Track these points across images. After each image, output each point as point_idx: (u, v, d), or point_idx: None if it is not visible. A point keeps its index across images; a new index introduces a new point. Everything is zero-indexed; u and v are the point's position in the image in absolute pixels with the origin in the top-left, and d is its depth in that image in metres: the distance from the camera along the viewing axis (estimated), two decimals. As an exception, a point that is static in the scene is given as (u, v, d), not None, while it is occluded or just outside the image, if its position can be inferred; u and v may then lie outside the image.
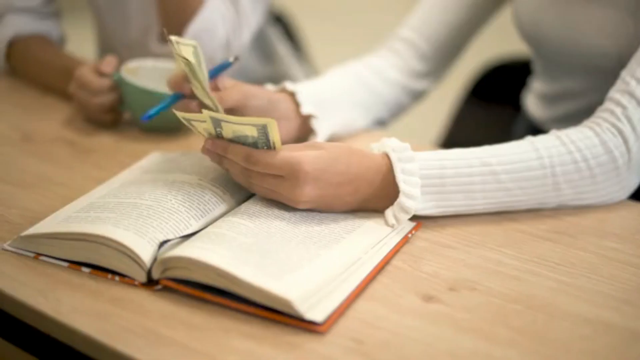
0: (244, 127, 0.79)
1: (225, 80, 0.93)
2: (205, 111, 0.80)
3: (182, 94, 0.92)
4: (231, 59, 0.95)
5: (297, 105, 1.00)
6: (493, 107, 1.41)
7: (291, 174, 0.79)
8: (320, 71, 1.61)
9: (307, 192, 0.80)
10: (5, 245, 0.82)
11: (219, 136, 0.82)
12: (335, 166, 0.80)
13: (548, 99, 1.16)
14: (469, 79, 1.43)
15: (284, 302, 0.69)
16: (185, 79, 0.89)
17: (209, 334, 0.70)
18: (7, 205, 0.90)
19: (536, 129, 1.19)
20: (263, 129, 0.78)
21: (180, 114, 0.82)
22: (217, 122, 0.80)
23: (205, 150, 0.83)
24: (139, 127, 1.10)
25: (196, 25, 1.15)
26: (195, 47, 0.89)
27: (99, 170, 0.99)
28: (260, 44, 1.38)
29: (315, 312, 0.70)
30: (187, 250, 0.73)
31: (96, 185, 0.92)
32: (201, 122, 0.81)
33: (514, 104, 1.33)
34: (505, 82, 1.41)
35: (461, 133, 1.40)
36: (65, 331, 0.71)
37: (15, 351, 0.79)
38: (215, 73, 0.93)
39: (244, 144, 0.81)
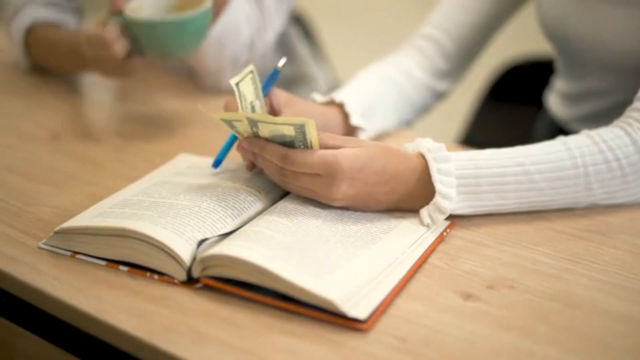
0: (282, 127, 0.78)
1: (279, 96, 0.92)
2: (241, 111, 0.80)
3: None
4: (280, 64, 0.90)
5: (345, 115, 1.00)
6: (512, 107, 1.41)
7: (328, 172, 0.79)
8: (338, 72, 1.62)
9: (343, 190, 0.80)
10: (41, 244, 0.82)
11: (255, 135, 0.82)
12: (372, 166, 0.80)
13: (571, 98, 1.16)
14: (488, 79, 1.44)
15: (327, 301, 0.69)
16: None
17: (251, 331, 0.70)
18: (39, 203, 0.90)
19: (559, 128, 1.19)
20: (301, 129, 0.78)
21: (218, 115, 0.81)
22: (253, 123, 0.80)
23: (240, 149, 0.83)
24: (160, 62, 1.11)
25: (220, 25, 1.15)
26: (252, 73, 0.86)
27: (128, 168, 0.99)
28: (281, 44, 1.38)
29: (358, 310, 0.70)
30: (227, 249, 0.73)
31: (126, 184, 0.92)
32: (238, 122, 0.81)
33: (534, 104, 1.34)
34: (524, 82, 1.42)
35: (480, 133, 1.40)
36: (106, 330, 0.71)
37: (55, 350, 0.79)
38: (268, 85, 0.91)
39: (281, 142, 0.81)
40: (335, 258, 0.75)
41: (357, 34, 3.40)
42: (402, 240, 0.81)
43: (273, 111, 0.91)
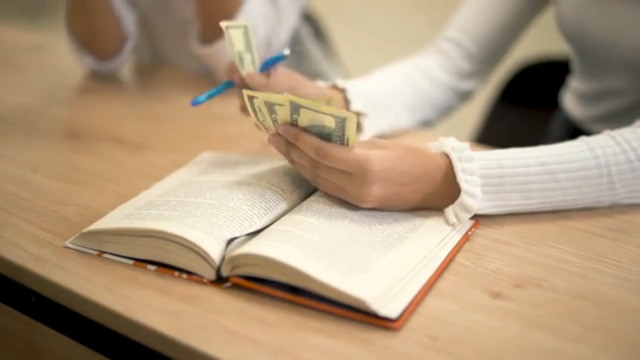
0: (323, 117, 0.78)
1: (277, 68, 0.94)
2: (286, 94, 0.79)
3: (234, 82, 0.93)
4: (285, 52, 0.94)
5: (347, 102, 1.00)
6: (526, 108, 1.42)
7: (360, 172, 0.79)
8: (349, 71, 1.62)
9: (374, 192, 0.80)
10: (68, 243, 0.82)
11: (293, 123, 0.81)
12: (400, 166, 0.81)
13: (588, 98, 1.17)
14: (501, 80, 1.44)
15: (359, 300, 0.69)
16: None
17: (283, 330, 0.70)
18: (63, 202, 0.90)
19: (575, 128, 1.19)
20: (341, 122, 0.78)
21: (261, 95, 0.80)
22: (295, 108, 0.79)
23: (273, 138, 0.83)
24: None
25: None
26: (245, 28, 0.91)
27: (150, 168, 0.99)
28: (293, 42, 1.38)
29: (389, 309, 0.70)
30: (258, 248, 0.73)
31: (149, 183, 0.93)
32: (280, 106, 0.80)
33: (548, 104, 1.34)
34: (538, 82, 1.42)
35: (494, 133, 1.41)
36: (137, 329, 0.71)
37: (82, 349, 0.79)
38: (268, 65, 0.94)
39: (318, 132, 0.80)
40: (364, 257, 0.76)
41: (366, 34, 3.41)
42: (429, 240, 0.81)
43: (268, 85, 0.93)
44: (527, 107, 1.43)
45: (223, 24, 0.89)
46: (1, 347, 0.87)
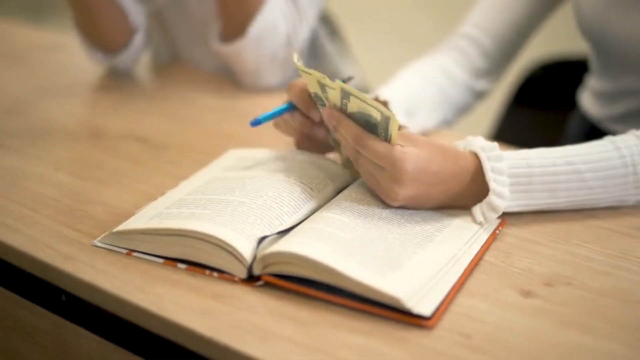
0: (370, 108, 0.78)
1: None
2: (337, 81, 0.80)
3: (294, 105, 0.90)
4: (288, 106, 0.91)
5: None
6: (540, 108, 1.42)
7: (392, 169, 0.79)
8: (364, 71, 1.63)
9: (404, 192, 0.80)
10: (96, 242, 0.82)
11: (343, 107, 0.82)
12: (431, 166, 0.81)
13: (607, 97, 1.17)
14: (517, 79, 1.44)
15: (393, 298, 0.70)
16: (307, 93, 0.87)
17: (317, 329, 0.70)
18: (89, 201, 0.91)
19: (593, 127, 1.19)
20: (386, 120, 0.78)
21: (315, 75, 0.81)
22: (346, 94, 0.80)
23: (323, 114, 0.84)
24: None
25: (258, 24, 1.15)
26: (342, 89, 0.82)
27: (174, 167, 0.99)
28: (310, 41, 1.38)
29: (422, 307, 0.70)
30: (290, 246, 0.74)
31: (174, 182, 0.93)
32: (332, 89, 0.81)
33: (564, 103, 1.34)
34: (551, 83, 1.42)
35: (508, 134, 1.41)
36: (170, 327, 0.71)
37: (112, 347, 0.79)
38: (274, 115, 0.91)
39: (366, 121, 0.81)
40: (396, 255, 0.76)
41: (379, 34, 3.42)
42: (458, 238, 0.81)
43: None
44: (541, 108, 1.43)
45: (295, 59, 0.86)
46: (29, 346, 0.87)
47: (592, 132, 1.17)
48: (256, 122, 0.89)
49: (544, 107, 1.42)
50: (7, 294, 0.87)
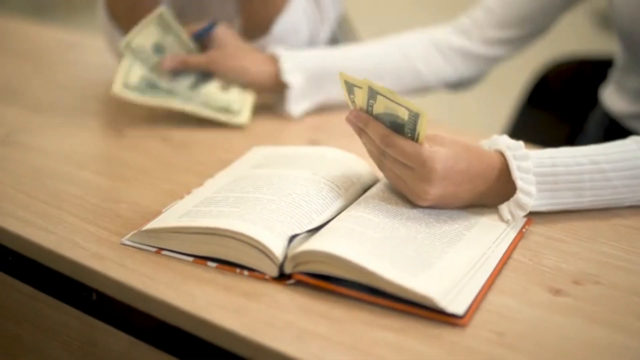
0: (398, 107, 0.79)
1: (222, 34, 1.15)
2: (365, 79, 0.80)
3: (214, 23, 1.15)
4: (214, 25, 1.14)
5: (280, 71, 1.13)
6: (555, 108, 1.42)
7: (421, 169, 0.80)
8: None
9: (433, 191, 0.81)
10: (125, 240, 0.82)
11: (369, 108, 0.82)
12: (458, 165, 0.81)
13: (633, 94, 1.17)
14: (531, 78, 1.44)
15: (426, 298, 0.70)
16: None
17: (350, 327, 0.70)
18: (115, 200, 0.91)
19: (614, 124, 1.20)
20: (414, 117, 0.78)
21: (342, 75, 0.81)
22: (373, 94, 0.80)
23: (347, 120, 0.84)
24: None
25: (282, 24, 1.16)
26: (160, 15, 1.02)
27: (199, 165, 0.99)
28: (329, 41, 1.39)
29: (455, 306, 0.71)
30: (323, 245, 0.74)
31: (199, 180, 0.93)
32: (359, 88, 0.81)
33: (577, 104, 1.35)
34: (567, 82, 1.42)
35: (523, 135, 1.41)
36: (203, 326, 0.71)
37: (141, 346, 0.79)
38: (199, 36, 1.14)
39: (392, 122, 0.81)
40: (426, 255, 0.76)
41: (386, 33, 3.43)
42: (486, 237, 0.81)
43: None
44: (554, 108, 1.43)
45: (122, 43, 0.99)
46: (56, 344, 0.87)
47: (613, 128, 1.18)
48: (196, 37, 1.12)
49: (557, 108, 1.43)
50: (34, 293, 0.87)
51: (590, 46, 1.22)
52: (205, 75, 1.14)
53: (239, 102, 1.14)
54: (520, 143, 0.85)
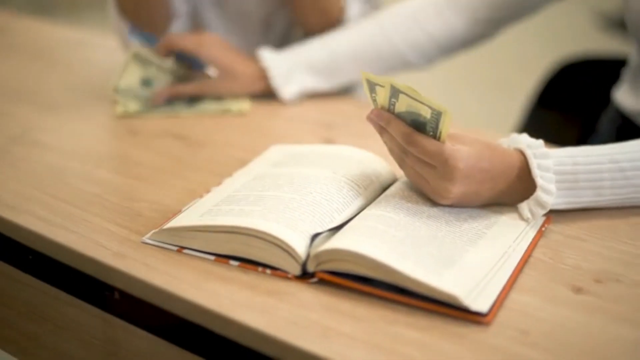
0: (420, 106, 0.79)
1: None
2: (387, 77, 0.80)
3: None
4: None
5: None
6: (566, 108, 1.42)
7: (443, 167, 0.80)
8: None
9: (455, 189, 0.81)
10: (146, 239, 0.82)
11: (391, 106, 0.82)
12: (480, 163, 0.81)
13: None
14: (542, 78, 1.44)
15: (450, 296, 0.70)
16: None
17: (375, 325, 0.70)
18: (134, 198, 0.91)
19: (626, 122, 1.20)
20: (437, 116, 0.78)
21: (365, 74, 0.82)
22: (395, 92, 0.80)
23: (369, 119, 0.84)
24: None
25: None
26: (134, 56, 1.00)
27: (215, 164, 0.99)
28: None
29: (479, 304, 0.71)
30: (347, 244, 0.74)
31: (217, 179, 0.93)
32: (381, 87, 0.81)
33: (588, 104, 1.35)
34: (577, 82, 1.43)
35: (535, 135, 1.41)
36: (228, 324, 0.71)
37: (163, 344, 0.79)
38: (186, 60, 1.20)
39: (414, 120, 0.81)
40: (448, 253, 0.76)
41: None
42: (507, 235, 0.82)
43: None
44: (565, 109, 1.43)
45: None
46: (77, 343, 0.87)
47: (626, 127, 1.18)
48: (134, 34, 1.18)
49: (567, 108, 1.43)
50: (54, 292, 0.87)
51: (592, 47, 1.22)
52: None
53: (236, 103, 1.20)
54: (540, 142, 0.85)
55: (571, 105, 1.41)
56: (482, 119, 1.24)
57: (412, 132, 0.81)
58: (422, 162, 0.81)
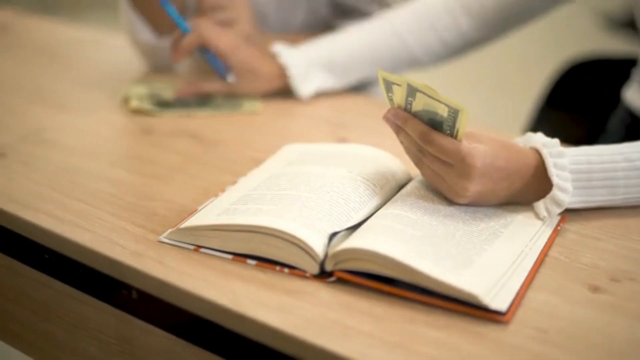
0: (437, 104, 0.79)
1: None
2: (404, 77, 0.81)
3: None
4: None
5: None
6: (574, 108, 1.42)
7: (461, 165, 0.80)
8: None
9: (472, 188, 0.81)
10: (163, 238, 0.83)
11: (407, 105, 0.82)
12: (497, 162, 0.82)
13: None
14: (549, 79, 1.44)
15: (470, 295, 0.70)
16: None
17: (394, 324, 0.71)
18: (148, 197, 0.91)
19: (636, 120, 1.20)
20: (454, 114, 0.79)
21: (382, 73, 0.82)
22: (412, 91, 0.80)
23: (385, 119, 0.85)
24: None
25: None
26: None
27: (230, 163, 0.99)
28: None
29: (498, 303, 0.71)
30: (365, 243, 0.74)
31: (231, 178, 0.93)
32: (397, 86, 0.82)
33: (597, 104, 1.35)
34: (586, 82, 1.43)
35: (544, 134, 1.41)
36: (247, 323, 0.71)
37: (180, 344, 0.79)
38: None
39: (430, 119, 0.81)
40: (466, 252, 0.76)
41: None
42: (523, 234, 0.82)
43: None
44: (573, 109, 1.43)
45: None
46: (91, 342, 0.87)
47: (635, 125, 1.18)
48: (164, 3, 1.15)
49: (575, 108, 1.43)
50: (69, 290, 0.87)
51: (595, 47, 1.23)
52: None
53: (249, 103, 1.21)
54: (556, 140, 0.86)
55: (580, 105, 1.41)
56: (486, 119, 1.24)
57: (429, 131, 0.81)
58: (439, 160, 0.82)
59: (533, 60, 1.32)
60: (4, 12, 1.73)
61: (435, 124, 0.81)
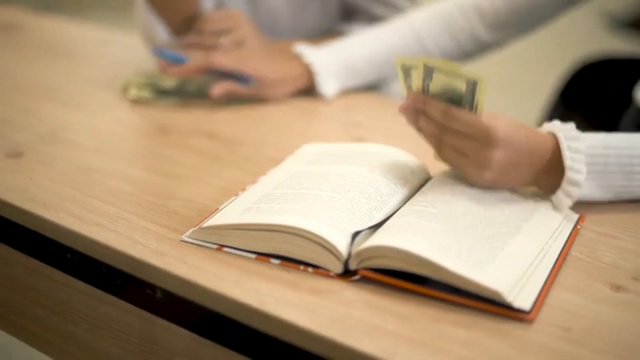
0: (455, 80, 0.80)
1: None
2: (421, 57, 0.82)
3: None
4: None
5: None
6: (587, 107, 1.43)
7: (483, 137, 0.82)
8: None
9: (496, 157, 0.82)
10: (185, 237, 0.83)
11: (425, 88, 0.84)
12: (518, 137, 0.84)
13: None
14: (560, 79, 1.45)
15: (494, 292, 0.71)
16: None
17: (420, 323, 0.71)
18: (168, 196, 0.91)
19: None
20: (472, 86, 0.80)
21: (399, 58, 0.84)
22: (429, 72, 0.82)
23: (403, 109, 0.86)
24: None
25: None
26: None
27: (248, 162, 1.00)
28: None
29: (521, 301, 0.71)
30: (389, 240, 0.74)
31: (251, 178, 0.94)
32: (415, 70, 0.83)
33: (610, 102, 1.36)
34: (598, 80, 1.43)
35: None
36: (273, 323, 0.72)
37: (207, 344, 0.79)
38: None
39: (449, 98, 0.82)
40: (489, 247, 0.77)
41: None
42: (543, 230, 0.82)
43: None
44: (585, 108, 1.44)
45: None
46: (113, 342, 0.88)
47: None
48: (158, 53, 1.17)
49: (586, 108, 1.43)
50: (90, 290, 0.87)
51: (599, 47, 1.23)
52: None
53: None
54: (572, 124, 0.87)
55: (591, 105, 1.42)
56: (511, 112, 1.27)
57: (449, 108, 0.83)
58: (462, 136, 0.83)
59: (540, 61, 1.32)
60: (14, 11, 1.73)
61: (454, 102, 0.83)
